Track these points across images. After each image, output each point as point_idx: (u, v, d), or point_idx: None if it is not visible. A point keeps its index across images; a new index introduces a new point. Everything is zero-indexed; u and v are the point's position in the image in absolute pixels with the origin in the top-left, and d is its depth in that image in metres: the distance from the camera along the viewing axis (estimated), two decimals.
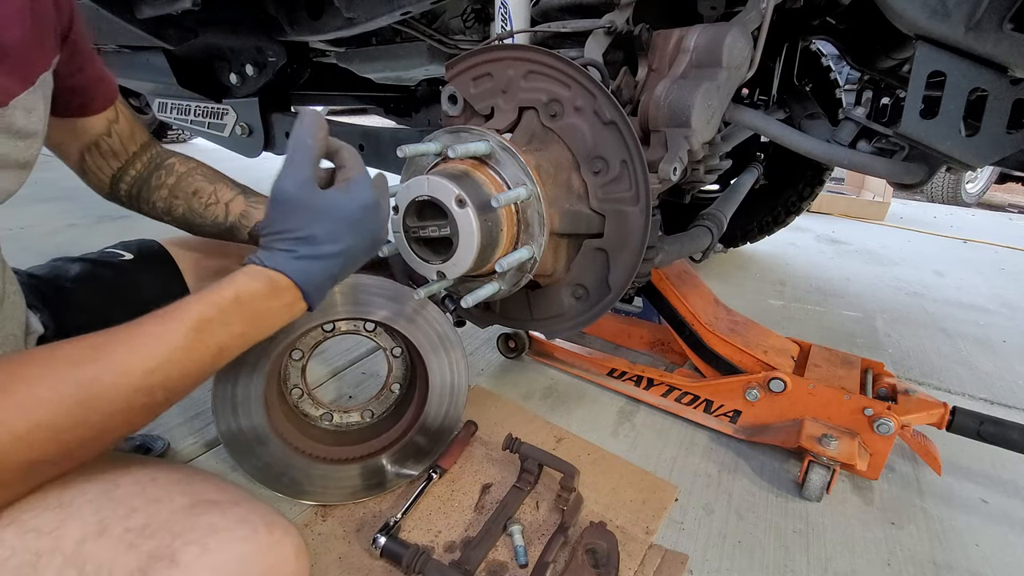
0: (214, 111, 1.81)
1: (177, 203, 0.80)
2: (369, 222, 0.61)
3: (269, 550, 0.44)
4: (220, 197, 0.81)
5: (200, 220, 0.81)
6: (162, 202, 0.80)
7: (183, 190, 0.80)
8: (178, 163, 0.83)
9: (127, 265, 0.82)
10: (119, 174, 0.80)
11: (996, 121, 0.74)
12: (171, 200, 0.80)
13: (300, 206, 0.56)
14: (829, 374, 1.18)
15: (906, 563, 0.93)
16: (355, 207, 0.59)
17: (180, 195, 0.80)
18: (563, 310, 0.88)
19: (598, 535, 0.89)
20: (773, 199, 2.16)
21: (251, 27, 1.43)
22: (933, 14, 0.71)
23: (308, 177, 0.57)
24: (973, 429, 1.03)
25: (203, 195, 0.80)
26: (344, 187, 0.59)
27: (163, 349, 0.47)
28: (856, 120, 1.01)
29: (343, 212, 0.58)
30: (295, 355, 0.96)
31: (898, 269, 2.62)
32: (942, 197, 4.63)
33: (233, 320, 0.52)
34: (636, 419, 1.28)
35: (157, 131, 4.82)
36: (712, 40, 0.81)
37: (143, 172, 0.80)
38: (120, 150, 0.78)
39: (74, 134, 0.73)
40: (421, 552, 0.82)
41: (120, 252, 0.84)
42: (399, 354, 1.02)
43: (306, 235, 0.56)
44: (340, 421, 1.03)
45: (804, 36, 1.46)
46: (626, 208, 0.77)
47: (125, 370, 0.45)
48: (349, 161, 0.62)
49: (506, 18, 0.93)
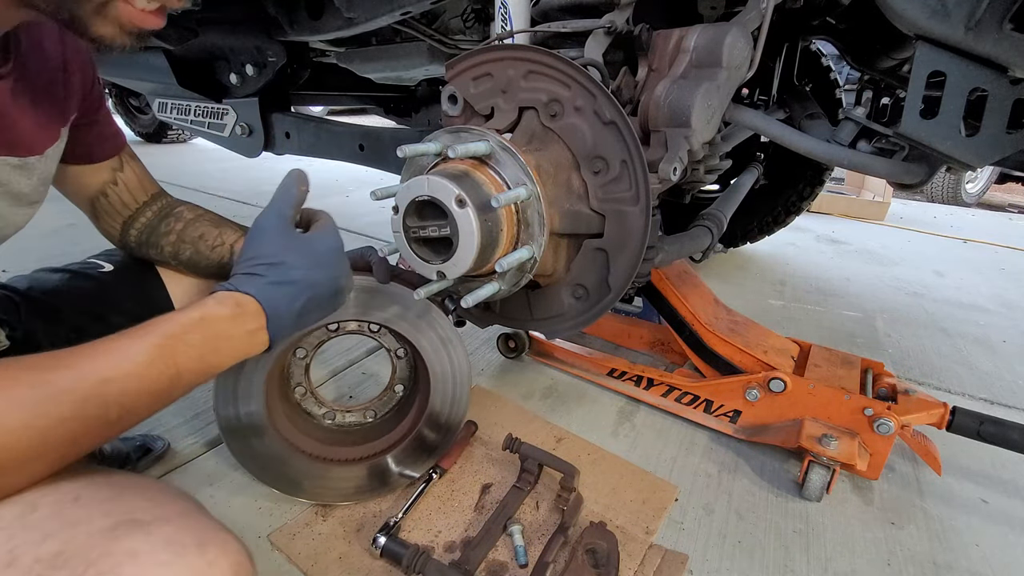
0: (214, 111, 1.81)
1: (184, 247, 0.82)
2: (335, 265, 0.67)
3: (197, 574, 0.40)
4: (225, 239, 0.83)
5: (206, 262, 0.83)
6: (170, 247, 0.82)
7: (190, 235, 0.82)
8: (187, 210, 0.85)
9: (106, 277, 0.82)
10: (129, 222, 0.82)
11: (996, 121, 0.73)
12: (179, 245, 0.82)
13: (276, 237, 0.63)
14: (829, 374, 1.18)
15: (906, 563, 0.93)
16: (324, 247, 0.66)
17: (187, 239, 0.82)
18: (563, 310, 0.88)
19: (598, 535, 0.89)
20: (773, 199, 2.16)
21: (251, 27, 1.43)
22: (933, 14, 0.71)
23: (287, 216, 0.66)
24: (973, 429, 1.03)
25: (209, 238, 0.83)
26: (316, 229, 0.69)
27: (122, 361, 0.47)
28: (856, 120, 1.01)
29: (312, 249, 0.65)
30: (299, 353, 0.96)
31: (898, 269, 2.62)
32: (942, 197, 4.63)
33: (195, 341, 0.52)
34: (636, 419, 1.28)
35: (157, 131, 4.83)
36: (712, 40, 0.81)
37: (153, 219, 0.83)
38: (128, 199, 0.81)
39: (79, 181, 0.78)
40: (421, 552, 0.82)
41: (101, 263, 0.84)
42: (403, 355, 1.02)
43: (277, 261, 0.61)
44: (342, 420, 1.03)
45: (804, 36, 1.46)
46: (626, 208, 0.77)
47: (80, 376, 0.44)
48: (322, 216, 0.73)
49: (506, 18, 0.93)
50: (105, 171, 0.79)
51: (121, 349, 0.47)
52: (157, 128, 4.80)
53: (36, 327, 0.71)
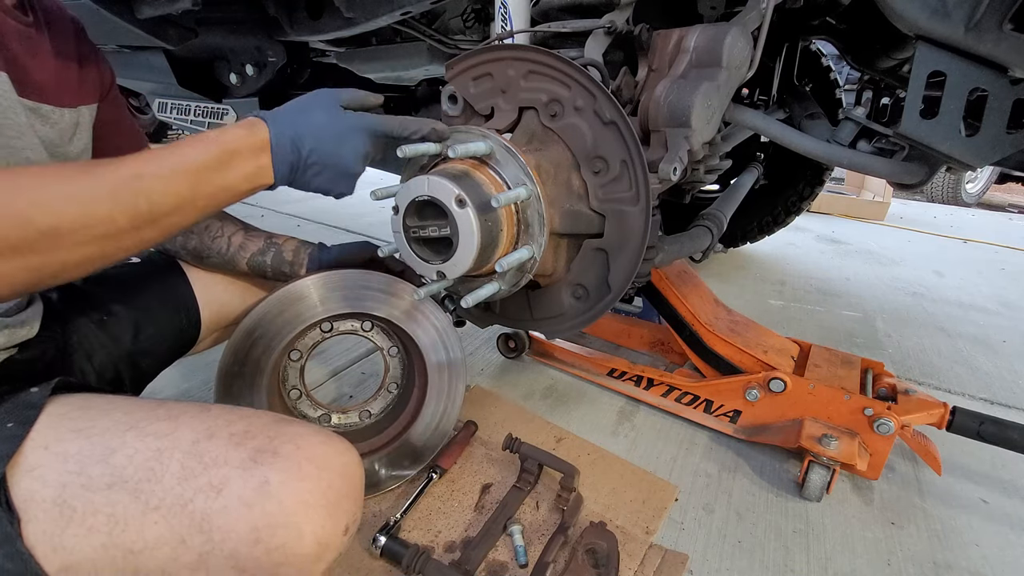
0: (214, 111, 1.81)
1: (192, 237, 0.89)
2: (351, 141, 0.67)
3: (344, 452, 0.56)
4: (225, 231, 0.90)
5: (207, 252, 0.89)
6: (181, 236, 0.89)
7: (198, 226, 0.89)
8: None
9: (135, 268, 0.90)
10: None
11: (996, 121, 0.73)
12: (187, 234, 0.89)
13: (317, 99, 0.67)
14: (829, 374, 1.18)
15: (906, 563, 0.93)
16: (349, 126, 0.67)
17: (195, 229, 0.89)
18: (563, 310, 0.88)
19: (598, 535, 0.89)
20: (773, 199, 2.16)
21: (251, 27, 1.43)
22: (933, 14, 0.71)
23: (340, 95, 0.68)
24: (973, 429, 1.03)
25: (212, 230, 0.90)
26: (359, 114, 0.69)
27: (150, 164, 0.54)
28: (856, 120, 1.01)
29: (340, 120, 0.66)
30: (293, 355, 0.96)
31: (898, 269, 2.62)
32: (942, 197, 4.62)
33: (212, 151, 0.58)
34: (636, 419, 1.28)
35: (157, 131, 4.83)
36: (712, 40, 0.81)
37: None
38: None
39: None
40: (421, 552, 0.82)
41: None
42: (396, 354, 1.02)
43: (304, 111, 0.65)
44: (339, 422, 1.03)
45: (804, 36, 1.46)
46: (626, 208, 0.77)
47: (115, 170, 0.52)
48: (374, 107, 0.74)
49: (506, 18, 0.93)
50: None
51: (151, 158, 0.54)
52: (157, 128, 4.80)
53: (71, 309, 0.77)
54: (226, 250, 0.90)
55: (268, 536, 0.48)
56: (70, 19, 0.74)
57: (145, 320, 0.84)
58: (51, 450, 0.49)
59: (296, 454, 0.52)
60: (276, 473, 0.50)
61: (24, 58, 0.62)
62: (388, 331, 1.00)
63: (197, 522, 0.48)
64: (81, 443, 0.50)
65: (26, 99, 0.62)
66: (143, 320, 0.83)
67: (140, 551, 0.47)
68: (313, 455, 0.53)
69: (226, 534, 0.48)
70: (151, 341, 0.84)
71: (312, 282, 0.87)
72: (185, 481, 0.49)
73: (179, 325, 0.88)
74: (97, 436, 0.50)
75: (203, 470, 0.50)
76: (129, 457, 0.49)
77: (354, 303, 0.89)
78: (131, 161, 0.53)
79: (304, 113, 0.65)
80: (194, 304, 0.90)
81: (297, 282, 0.86)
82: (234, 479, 0.49)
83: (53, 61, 0.67)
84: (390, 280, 0.89)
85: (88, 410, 0.53)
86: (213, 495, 0.49)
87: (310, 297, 0.87)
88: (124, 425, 0.52)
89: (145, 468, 0.49)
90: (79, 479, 0.48)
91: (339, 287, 0.88)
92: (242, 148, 0.60)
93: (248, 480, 0.49)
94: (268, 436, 0.53)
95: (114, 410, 0.53)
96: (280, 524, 0.49)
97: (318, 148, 0.65)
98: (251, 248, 0.91)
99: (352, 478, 0.56)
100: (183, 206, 0.56)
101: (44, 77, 0.65)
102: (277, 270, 0.91)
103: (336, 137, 0.65)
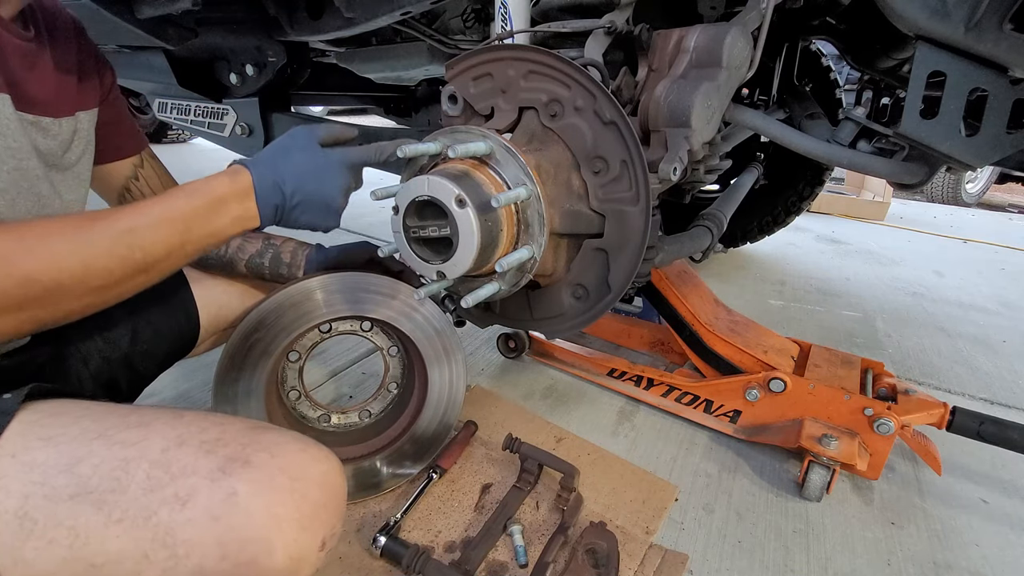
0: (214, 111, 1.81)
1: None
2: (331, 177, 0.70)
3: (323, 461, 0.55)
4: None
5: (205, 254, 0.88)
6: None
7: None
8: None
9: None
10: None
11: (996, 121, 0.73)
12: None
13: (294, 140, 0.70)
14: (829, 374, 1.18)
15: (906, 563, 0.93)
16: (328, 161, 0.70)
17: None
18: (563, 310, 0.88)
19: (598, 535, 0.89)
20: (773, 199, 2.16)
21: (251, 27, 1.43)
22: (933, 14, 0.71)
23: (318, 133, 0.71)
24: (973, 429, 1.03)
25: None
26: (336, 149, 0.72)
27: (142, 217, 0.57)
28: (856, 120, 1.01)
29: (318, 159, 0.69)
30: (292, 356, 0.96)
31: (898, 269, 2.62)
32: (942, 197, 4.62)
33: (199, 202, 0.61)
34: (636, 419, 1.28)
35: (157, 131, 4.82)
36: (712, 40, 0.81)
37: None
38: (149, 194, 0.89)
39: (106, 177, 0.86)
40: (421, 552, 0.82)
41: None
42: (395, 353, 1.02)
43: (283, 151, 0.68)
44: (338, 422, 1.03)
45: (804, 36, 1.46)
46: (626, 208, 0.77)
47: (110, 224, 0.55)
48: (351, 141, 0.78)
49: (506, 18, 0.93)
50: (128, 168, 0.87)
51: (143, 210, 0.58)
52: (157, 128, 4.80)
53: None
54: (224, 252, 0.90)
55: (236, 551, 0.46)
56: (71, 23, 0.74)
57: (143, 323, 0.83)
58: (18, 459, 0.47)
59: (269, 463, 0.50)
60: (245, 484, 0.48)
61: (25, 74, 0.63)
62: (388, 331, 1.00)
63: (161, 536, 0.46)
64: (48, 452, 0.48)
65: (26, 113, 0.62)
66: (140, 323, 0.83)
67: (102, 565, 0.46)
68: (287, 464, 0.51)
69: (191, 548, 0.46)
70: (149, 344, 0.84)
71: (311, 284, 0.87)
72: (150, 492, 0.47)
73: (177, 328, 0.88)
74: (65, 444, 0.48)
75: (170, 480, 0.48)
76: (95, 467, 0.47)
77: (353, 305, 0.89)
78: (125, 214, 0.56)
79: (284, 155, 0.68)
80: (193, 306, 0.90)
81: (295, 284, 0.86)
82: (201, 490, 0.47)
83: (54, 74, 0.68)
84: (390, 281, 0.89)
85: (59, 416, 0.51)
86: (178, 507, 0.47)
87: (309, 299, 0.87)
88: (93, 433, 0.50)
89: (110, 478, 0.47)
90: (42, 489, 0.46)
91: (338, 289, 0.88)
92: (227, 195, 0.63)
93: (215, 491, 0.47)
94: (241, 444, 0.51)
95: (84, 417, 0.51)
96: (249, 538, 0.47)
97: (301, 188, 0.67)
98: (249, 249, 0.91)
99: (331, 488, 0.54)
100: (173, 253, 0.59)
101: (44, 91, 0.66)
102: (275, 271, 0.91)
103: (317, 175, 0.68)
